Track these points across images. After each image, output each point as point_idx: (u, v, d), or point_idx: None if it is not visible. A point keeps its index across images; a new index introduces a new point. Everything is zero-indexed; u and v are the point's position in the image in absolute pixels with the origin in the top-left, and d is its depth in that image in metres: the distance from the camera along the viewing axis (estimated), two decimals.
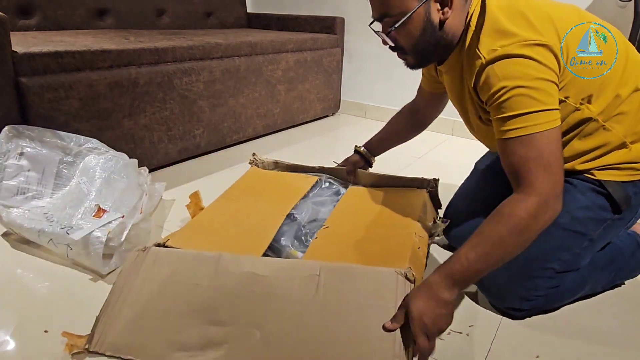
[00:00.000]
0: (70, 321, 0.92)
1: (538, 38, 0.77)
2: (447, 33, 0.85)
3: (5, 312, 0.94)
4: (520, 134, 0.76)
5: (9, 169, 1.16)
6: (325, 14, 2.64)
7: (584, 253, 0.94)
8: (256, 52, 2.04)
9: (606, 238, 0.96)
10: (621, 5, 1.77)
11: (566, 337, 0.93)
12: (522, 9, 0.81)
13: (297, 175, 1.36)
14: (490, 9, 0.82)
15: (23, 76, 1.25)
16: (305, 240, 1.06)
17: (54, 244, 1.07)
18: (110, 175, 1.23)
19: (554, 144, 0.76)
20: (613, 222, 0.92)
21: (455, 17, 0.84)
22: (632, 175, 0.89)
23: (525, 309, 0.95)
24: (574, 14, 0.86)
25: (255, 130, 2.14)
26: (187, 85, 1.73)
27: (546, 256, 0.92)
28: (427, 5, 0.81)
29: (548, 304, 0.97)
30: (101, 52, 1.42)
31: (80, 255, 1.05)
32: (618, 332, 0.96)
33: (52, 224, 1.09)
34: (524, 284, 0.93)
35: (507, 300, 0.96)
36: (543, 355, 0.88)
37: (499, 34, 0.80)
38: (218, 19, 2.65)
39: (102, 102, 1.45)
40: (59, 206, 1.18)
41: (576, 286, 0.98)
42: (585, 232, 0.91)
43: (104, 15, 2.07)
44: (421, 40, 0.85)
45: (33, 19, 1.81)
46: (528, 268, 0.92)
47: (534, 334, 0.94)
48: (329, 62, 2.51)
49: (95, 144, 1.31)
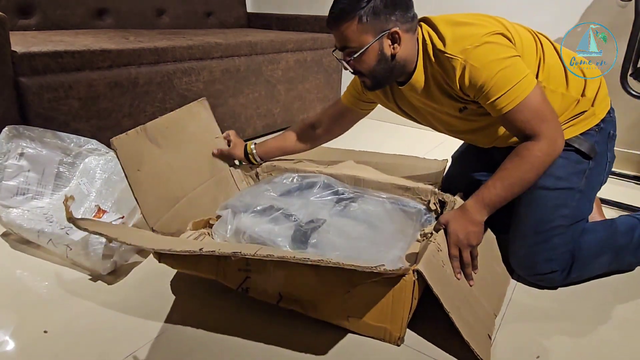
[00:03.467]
0: (70, 321, 0.92)
1: (491, 29, 0.94)
2: (399, 62, 1.00)
3: (5, 312, 0.94)
4: (514, 104, 0.92)
5: (8, 169, 1.16)
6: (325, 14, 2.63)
7: (580, 204, 1.06)
8: (256, 52, 2.04)
9: (593, 185, 1.09)
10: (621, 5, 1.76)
11: (566, 337, 0.93)
12: (460, 17, 1.00)
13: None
14: (435, 20, 0.99)
15: (22, 76, 1.25)
16: (302, 241, 1.06)
17: (54, 244, 1.07)
18: (111, 176, 1.22)
19: (540, 98, 0.93)
20: (590, 170, 1.06)
21: (405, 49, 0.99)
22: (585, 125, 1.05)
23: (557, 269, 1.04)
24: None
25: (255, 130, 2.14)
26: (187, 85, 1.73)
27: (549, 217, 1.04)
28: (380, 42, 0.97)
29: (578, 264, 1.05)
30: (101, 51, 1.42)
31: (80, 256, 1.05)
32: (618, 332, 0.96)
33: (52, 224, 1.09)
34: (543, 247, 1.04)
35: (537, 267, 1.05)
36: (543, 355, 0.88)
37: (455, 25, 0.96)
38: (218, 18, 2.65)
39: (102, 102, 1.45)
40: (59, 207, 1.17)
41: (597, 242, 1.07)
42: (572, 186, 1.05)
43: (103, 15, 2.07)
44: (376, 69, 1.00)
45: (33, 19, 1.81)
46: (538, 233, 1.04)
47: (534, 334, 0.94)
48: (329, 62, 2.51)
49: (96, 145, 1.30)
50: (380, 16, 0.94)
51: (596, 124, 1.06)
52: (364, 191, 1.27)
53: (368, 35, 0.96)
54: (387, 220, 1.15)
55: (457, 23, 0.97)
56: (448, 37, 0.95)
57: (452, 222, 0.98)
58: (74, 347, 0.85)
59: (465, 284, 0.95)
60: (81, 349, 0.84)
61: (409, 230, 1.11)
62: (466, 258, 0.96)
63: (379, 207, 1.19)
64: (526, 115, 0.92)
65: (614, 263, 1.10)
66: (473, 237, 0.96)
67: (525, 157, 0.94)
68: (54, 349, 0.84)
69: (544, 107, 0.93)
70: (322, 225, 1.11)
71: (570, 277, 1.06)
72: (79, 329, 0.86)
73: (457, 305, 0.85)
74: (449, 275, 0.93)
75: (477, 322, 0.89)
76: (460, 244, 0.96)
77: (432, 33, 0.99)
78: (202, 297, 1.00)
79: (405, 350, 0.87)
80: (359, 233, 1.09)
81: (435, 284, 0.82)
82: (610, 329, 0.96)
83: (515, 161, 0.95)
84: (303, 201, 1.21)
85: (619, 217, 1.15)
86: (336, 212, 1.18)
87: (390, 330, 0.87)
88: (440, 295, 0.82)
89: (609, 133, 1.09)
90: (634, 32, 1.49)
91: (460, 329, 0.82)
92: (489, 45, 0.92)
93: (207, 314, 0.95)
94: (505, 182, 0.95)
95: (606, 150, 1.09)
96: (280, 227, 1.08)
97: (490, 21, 0.99)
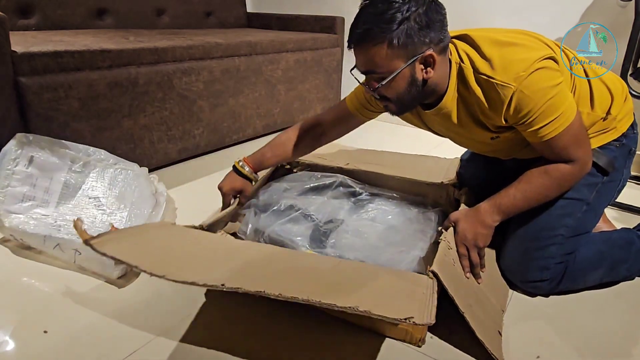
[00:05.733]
0: (70, 321, 0.92)
1: (542, 53, 0.87)
2: (430, 87, 0.91)
3: (6, 312, 0.94)
4: (557, 132, 0.89)
5: (16, 175, 1.16)
6: (325, 14, 2.64)
7: (585, 217, 1.03)
8: (256, 52, 2.04)
9: (602, 200, 1.06)
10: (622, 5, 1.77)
11: (566, 337, 0.93)
12: (501, 35, 0.91)
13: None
14: (477, 38, 0.90)
15: (22, 76, 1.25)
16: (321, 241, 1.06)
17: (61, 249, 1.06)
18: (122, 189, 1.23)
19: (579, 124, 0.92)
20: (603, 184, 1.03)
21: (437, 72, 0.89)
22: (605, 138, 1.02)
23: (547, 278, 1.01)
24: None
25: (255, 130, 2.14)
26: (187, 85, 1.73)
27: (553, 224, 1.02)
28: (412, 67, 0.86)
29: (570, 276, 1.02)
30: (101, 51, 1.42)
31: (90, 260, 1.04)
32: (618, 332, 0.96)
33: (61, 230, 1.09)
34: (539, 254, 1.01)
35: (528, 273, 1.02)
36: (543, 355, 0.88)
37: (502, 45, 0.88)
38: (218, 18, 2.65)
39: (102, 102, 1.44)
40: (64, 215, 1.16)
41: (593, 256, 1.04)
42: (581, 197, 1.02)
43: (103, 15, 2.07)
44: (405, 95, 0.91)
45: (33, 19, 1.80)
46: (539, 238, 1.02)
47: (534, 334, 0.94)
48: (329, 62, 2.50)
49: (105, 156, 1.29)
50: (414, 39, 0.83)
51: (617, 137, 1.03)
52: (382, 191, 1.28)
53: (399, 61, 0.85)
54: (406, 221, 1.16)
55: (503, 44, 0.88)
56: (496, 61, 0.86)
57: (462, 221, 0.98)
58: (74, 347, 0.85)
59: (474, 281, 0.96)
60: (81, 349, 0.84)
61: (428, 231, 1.12)
62: (474, 258, 0.97)
63: (397, 208, 1.20)
64: (565, 143, 0.91)
65: (608, 276, 1.08)
66: (481, 239, 0.97)
67: (555, 177, 0.94)
68: (54, 349, 0.84)
69: (582, 134, 0.93)
70: (340, 225, 1.11)
71: (558, 288, 1.03)
72: (79, 329, 0.86)
73: (469, 304, 0.85)
74: (459, 274, 0.93)
75: (488, 319, 0.89)
76: (467, 243, 0.97)
77: (472, 54, 0.90)
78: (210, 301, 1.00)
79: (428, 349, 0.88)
80: (378, 234, 1.10)
81: (449, 284, 0.83)
82: (611, 329, 0.96)
83: (543, 178, 0.95)
84: (322, 200, 1.21)
85: (617, 231, 1.15)
86: (354, 212, 1.18)
87: (412, 332, 0.87)
88: (454, 295, 0.82)
89: (630, 150, 1.06)
90: (634, 32, 1.49)
91: (475, 328, 0.82)
92: (542, 72, 0.85)
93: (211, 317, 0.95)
94: (526, 194, 0.96)
95: (623, 166, 1.06)
96: (299, 227, 1.08)
97: (535, 42, 0.92)
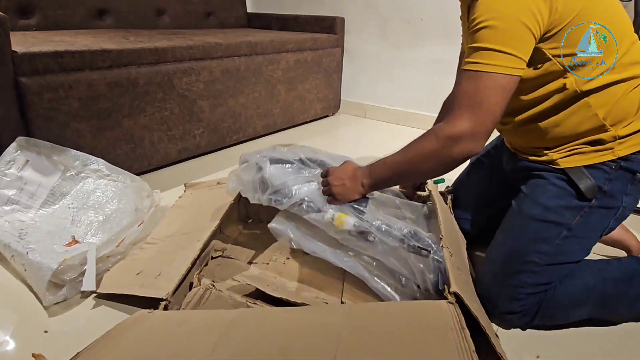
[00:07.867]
0: (70, 321, 0.92)
1: None
2: None
3: (6, 312, 0.94)
4: (472, 68, 0.77)
5: (6, 178, 1.16)
6: (325, 14, 2.64)
7: (566, 244, 0.88)
8: (256, 52, 2.04)
9: (590, 228, 0.89)
10: None
11: (566, 337, 0.93)
12: None
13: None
14: None
15: (23, 76, 1.25)
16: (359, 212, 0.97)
17: (15, 260, 1.03)
18: (101, 201, 1.22)
19: (497, 90, 0.76)
20: (591, 209, 0.87)
21: None
22: (596, 158, 0.87)
23: (517, 310, 0.89)
24: None
25: (255, 130, 2.14)
26: (187, 85, 1.73)
27: (524, 249, 0.89)
28: None
29: (546, 311, 0.89)
30: (101, 52, 1.42)
31: (31, 279, 0.99)
32: (618, 332, 0.96)
33: (21, 241, 1.06)
34: (508, 282, 0.90)
35: (498, 303, 0.91)
36: (543, 355, 0.88)
37: None
38: (218, 19, 2.65)
39: (102, 102, 1.45)
40: (38, 225, 1.15)
41: (576, 290, 0.89)
42: (561, 220, 0.87)
43: (103, 15, 2.07)
44: None
45: (33, 19, 1.81)
46: (508, 264, 0.90)
47: (534, 334, 0.93)
48: (329, 62, 2.51)
49: (101, 166, 1.29)
50: None
51: (611, 159, 0.86)
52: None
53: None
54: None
55: None
56: None
57: (335, 175, 0.96)
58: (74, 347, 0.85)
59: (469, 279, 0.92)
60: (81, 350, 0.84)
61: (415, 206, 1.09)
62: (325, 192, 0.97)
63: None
64: (467, 88, 0.77)
65: (598, 314, 0.92)
66: (347, 194, 0.95)
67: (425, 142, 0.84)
68: (54, 349, 0.84)
69: (487, 99, 0.76)
70: None
71: (533, 323, 0.91)
72: (79, 329, 0.86)
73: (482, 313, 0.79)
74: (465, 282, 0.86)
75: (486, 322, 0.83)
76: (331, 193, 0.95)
77: None
78: None
79: None
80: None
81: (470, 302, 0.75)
82: (612, 328, 0.96)
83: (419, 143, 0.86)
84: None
85: (619, 260, 0.97)
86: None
87: None
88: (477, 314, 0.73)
89: (634, 174, 0.87)
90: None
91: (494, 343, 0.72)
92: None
93: None
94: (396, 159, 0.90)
95: (624, 193, 0.88)
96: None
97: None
